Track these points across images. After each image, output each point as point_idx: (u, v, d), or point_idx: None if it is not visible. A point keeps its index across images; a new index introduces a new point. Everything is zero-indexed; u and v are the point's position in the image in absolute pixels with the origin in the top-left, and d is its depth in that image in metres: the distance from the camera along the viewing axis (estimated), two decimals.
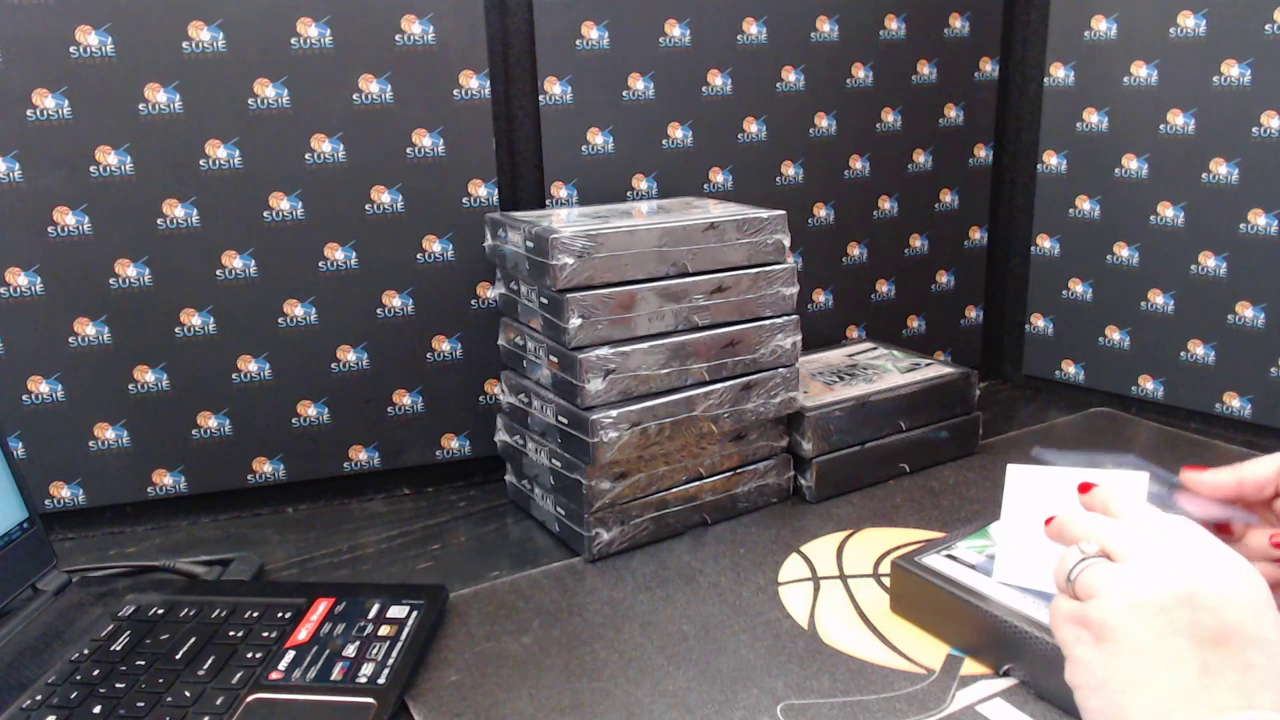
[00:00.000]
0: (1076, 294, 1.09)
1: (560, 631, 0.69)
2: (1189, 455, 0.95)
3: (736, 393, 0.82)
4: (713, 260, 0.80)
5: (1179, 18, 0.96)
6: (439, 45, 0.86)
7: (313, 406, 0.89)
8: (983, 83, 1.10)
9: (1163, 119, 0.99)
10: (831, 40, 1.00)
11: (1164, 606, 0.43)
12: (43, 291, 0.81)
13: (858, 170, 1.06)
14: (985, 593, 0.64)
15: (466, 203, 0.90)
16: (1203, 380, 1.01)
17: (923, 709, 0.59)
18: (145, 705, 0.58)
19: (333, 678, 0.61)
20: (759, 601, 0.72)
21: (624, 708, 0.60)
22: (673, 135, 0.96)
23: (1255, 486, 0.56)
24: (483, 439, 0.95)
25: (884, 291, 1.12)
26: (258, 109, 0.82)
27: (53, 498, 0.85)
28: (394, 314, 0.90)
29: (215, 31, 0.80)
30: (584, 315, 0.75)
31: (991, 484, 0.89)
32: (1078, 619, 0.46)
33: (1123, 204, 1.04)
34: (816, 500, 0.87)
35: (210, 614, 0.68)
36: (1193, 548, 0.46)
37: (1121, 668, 0.43)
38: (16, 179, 0.78)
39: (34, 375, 0.82)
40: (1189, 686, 0.41)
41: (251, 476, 0.89)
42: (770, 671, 0.63)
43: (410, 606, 0.68)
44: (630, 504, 0.79)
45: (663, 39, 0.93)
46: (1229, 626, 0.42)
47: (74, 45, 0.77)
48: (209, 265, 0.84)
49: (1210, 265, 0.99)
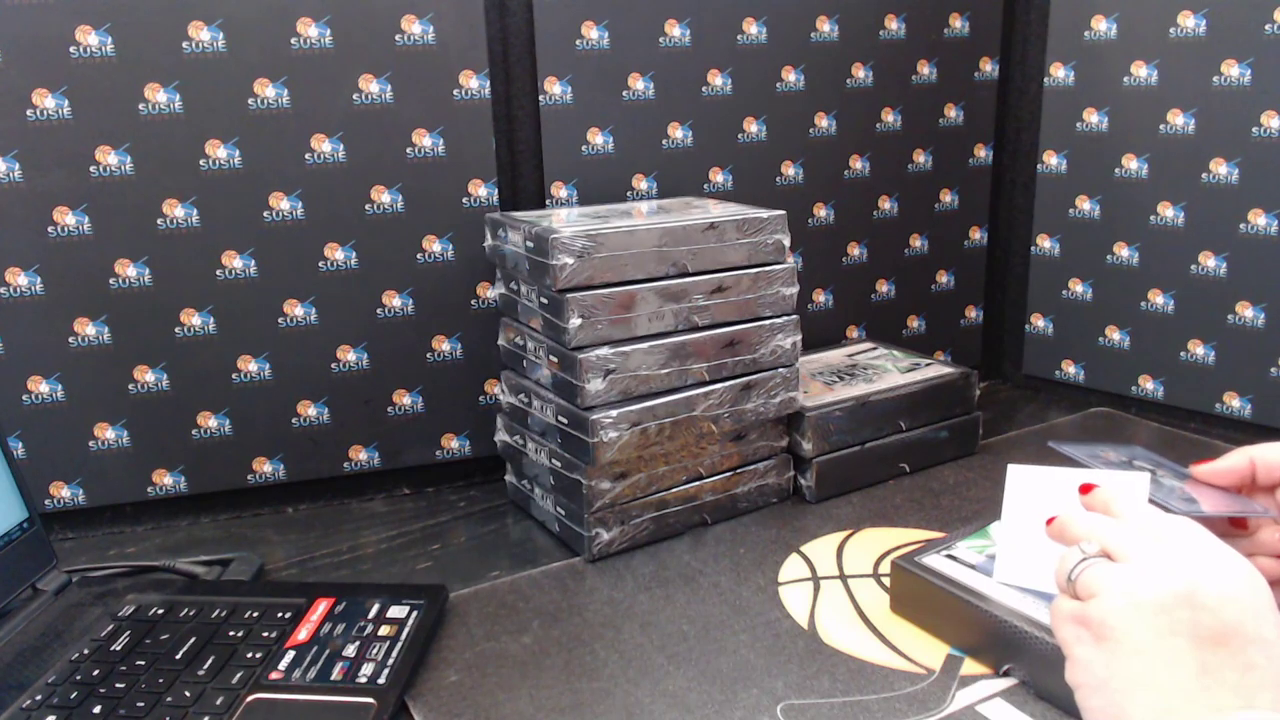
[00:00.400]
0: (1076, 294, 1.09)
1: (560, 631, 0.69)
2: (1189, 455, 0.94)
3: (736, 393, 0.82)
4: (713, 260, 0.80)
5: (1179, 18, 0.96)
6: (439, 45, 0.86)
7: (313, 406, 0.89)
8: (983, 83, 1.10)
9: (1163, 119, 0.99)
10: (831, 40, 1.00)
11: (1164, 606, 0.43)
12: (43, 291, 0.81)
13: (858, 170, 1.06)
14: (985, 593, 0.64)
15: (466, 203, 0.90)
16: (1203, 380, 1.01)
17: (923, 709, 0.59)
18: (145, 705, 0.58)
19: (333, 678, 0.61)
20: (759, 601, 0.72)
21: (624, 708, 0.60)
22: (673, 135, 0.96)
23: (1266, 469, 0.56)
24: (483, 439, 0.95)
25: (884, 291, 1.12)
26: (258, 109, 0.82)
27: (53, 498, 0.85)
28: (394, 314, 0.90)
29: (215, 31, 0.80)
30: (584, 315, 0.75)
31: (991, 484, 0.89)
32: (1078, 618, 0.46)
33: (1123, 204, 1.04)
34: (816, 500, 0.87)
35: (210, 614, 0.68)
36: (1193, 548, 0.46)
37: (1122, 667, 0.43)
38: (16, 179, 0.78)
39: (34, 375, 0.82)
40: (1189, 686, 0.42)
41: (251, 476, 0.89)
42: (770, 671, 0.63)
43: (410, 606, 0.68)
44: (630, 504, 0.79)
45: (663, 39, 0.93)
46: (1229, 626, 0.42)
47: (74, 45, 0.77)
48: (209, 265, 0.84)
49: (1210, 265, 0.99)
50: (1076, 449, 0.61)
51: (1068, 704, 0.57)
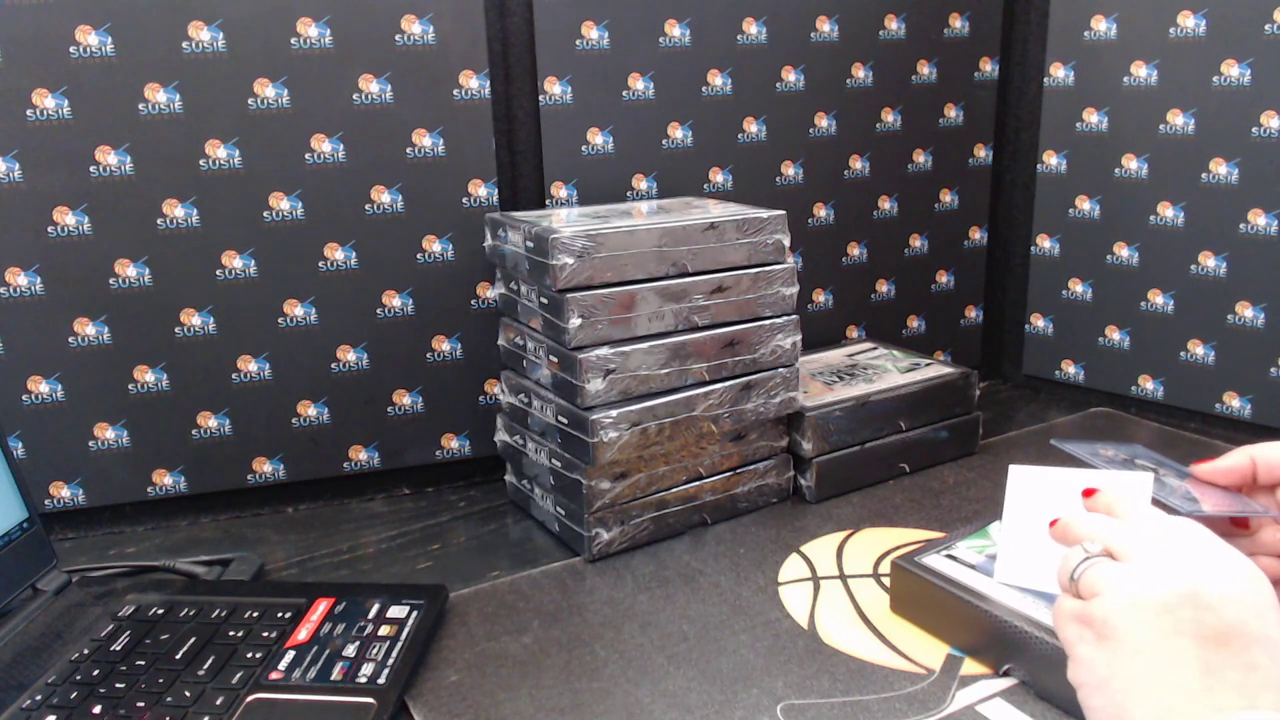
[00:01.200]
0: (1076, 294, 1.09)
1: (560, 631, 0.69)
2: (1189, 455, 0.94)
3: (736, 393, 0.82)
4: (713, 260, 0.80)
5: (1179, 18, 0.96)
6: (439, 45, 0.86)
7: (313, 406, 0.89)
8: (983, 83, 1.10)
9: (1163, 119, 0.99)
10: (831, 40, 1.00)
11: (1167, 606, 0.43)
12: (43, 291, 0.81)
13: (858, 170, 1.06)
14: (985, 593, 0.64)
15: (466, 203, 0.90)
16: (1202, 380, 1.01)
17: (923, 709, 0.59)
18: (145, 705, 0.58)
19: (333, 678, 0.61)
20: (759, 601, 0.72)
21: (624, 708, 0.60)
22: (673, 135, 0.96)
23: (1267, 468, 0.56)
24: (483, 439, 0.95)
25: (884, 291, 1.12)
26: (258, 109, 0.82)
27: (53, 498, 0.85)
28: (394, 314, 0.90)
29: (215, 31, 0.80)
30: (584, 315, 0.75)
31: (991, 484, 0.89)
32: (1080, 617, 0.46)
33: (1123, 204, 1.04)
34: (816, 500, 0.87)
35: (210, 614, 0.68)
36: (1196, 548, 0.46)
37: (1124, 667, 0.43)
38: (16, 179, 0.78)
39: (34, 375, 0.82)
40: (1192, 686, 0.41)
41: (251, 476, 0.89)
42: (770, 671, 0.63)
43: (410, 606, 0.68)
44: (630, 504, 0.79)
45: (663, 39, 0.93)
46: (1232, 626, 0.42)
47: (74, 45, 0.77)
48: (209, 265, 0.84)
49: (1210, 265, 0.99)
50: (1078, 447, 0.61)
51: (1068, 704, 0.57)
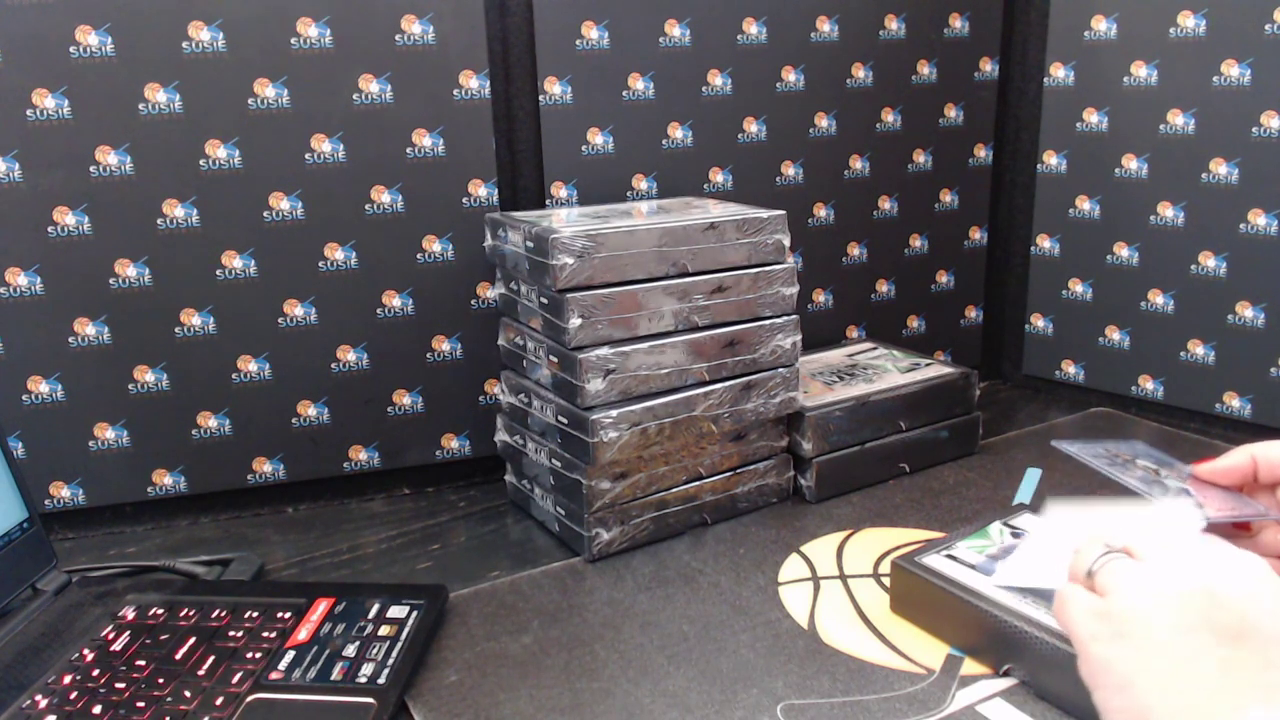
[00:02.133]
0: (1076, 294, 1.09)
1: (560, 631, 0.69)
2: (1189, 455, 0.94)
3: (736, 393, 0.81)
4: (713, 260, 0.80)
5: (1179, 18, 0.96)
6: (439, 45, 0.86)
7: (313, 406, 0.89)
8: (983, 83, 1.10)
9: (1163, 119, 0.99)
10: (831, 40, 1.00)
11: (1185, 603, 0.43)
12: (43, 291, 0.81)
13: (858, 170, 1.06)
14: (985, 593, 0.64)
15: (466, 203, 0.90)
16: (1202, 380, 1.01)
17: (923, 709, 0.59)
18: (145, 705, 0.58)
19: (333, 678, 0.61)
20: (759, 601, 0.72)
21: (624, 708, 0.60)
22: (673, 135, 0.96)
23: (1268, 467, 0.56)
24: (483, 439, 0.95)
25: (884, 291, 1.12)
26: (258, 109, 0.82)
27: (53, 498, 0.85)
28: (394, 314, 0.90)
29: (215, 31, 0.80)
30: (584, 315, 0.75)
31: (991, 484, 0.89)
32: (1097, 613, 0.46)
33: (1123, 204, 1.04)
34: (816, 500, 0.87)
35: (210, 614, 0.68)
36: (1212, 548, 0.46)
37: (1145, 665, 0.43)
38: (16, 179, 0.78)
39: (34, 375, 0.82)
40: (1211, 684, 0.41)
41: (251, 476, 0.89)
42: (770, 671, 0.63)
43: (410, 606, 0.68)
44: (630, 504, 0.79)
45: (663, 39, 0.93)
46: (1249, 624, 0.42)
47: (74, 45, 0.77)
48: (209, 265, 0.84)
49: (1210, 265, 0.99)
50: (1080, 447, 0.61)
51: (1068, 704, 0.57)
